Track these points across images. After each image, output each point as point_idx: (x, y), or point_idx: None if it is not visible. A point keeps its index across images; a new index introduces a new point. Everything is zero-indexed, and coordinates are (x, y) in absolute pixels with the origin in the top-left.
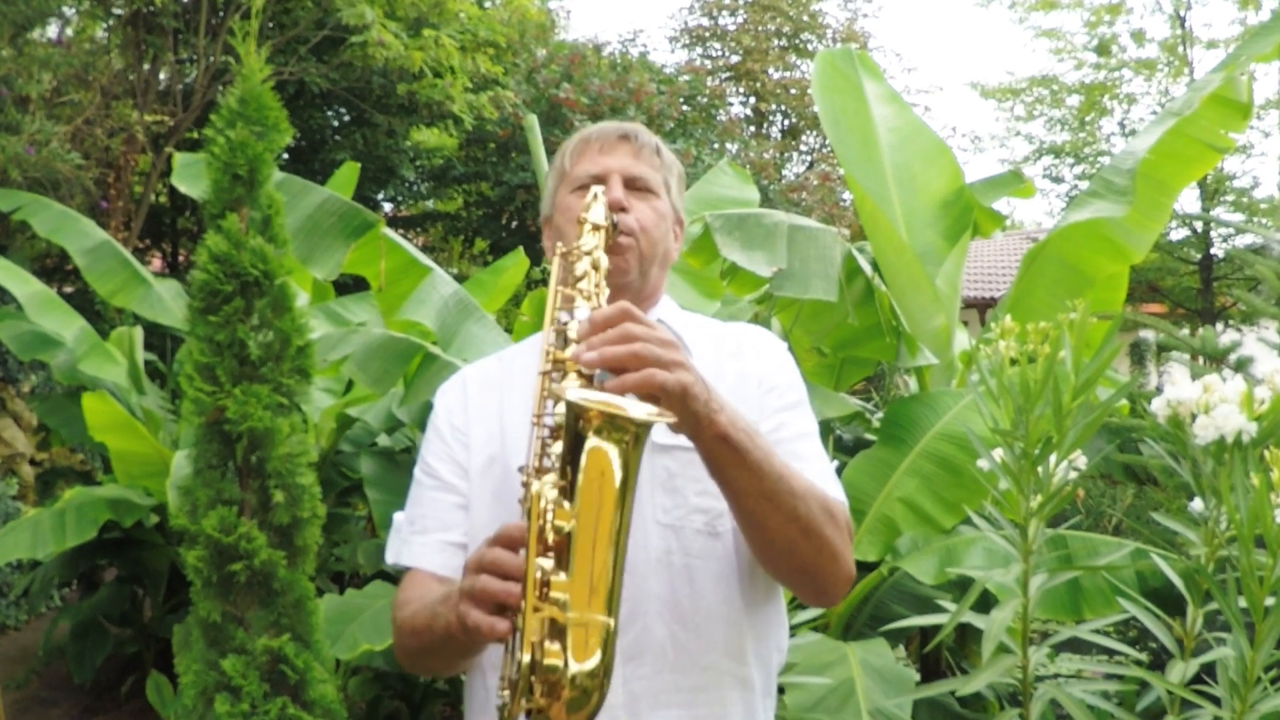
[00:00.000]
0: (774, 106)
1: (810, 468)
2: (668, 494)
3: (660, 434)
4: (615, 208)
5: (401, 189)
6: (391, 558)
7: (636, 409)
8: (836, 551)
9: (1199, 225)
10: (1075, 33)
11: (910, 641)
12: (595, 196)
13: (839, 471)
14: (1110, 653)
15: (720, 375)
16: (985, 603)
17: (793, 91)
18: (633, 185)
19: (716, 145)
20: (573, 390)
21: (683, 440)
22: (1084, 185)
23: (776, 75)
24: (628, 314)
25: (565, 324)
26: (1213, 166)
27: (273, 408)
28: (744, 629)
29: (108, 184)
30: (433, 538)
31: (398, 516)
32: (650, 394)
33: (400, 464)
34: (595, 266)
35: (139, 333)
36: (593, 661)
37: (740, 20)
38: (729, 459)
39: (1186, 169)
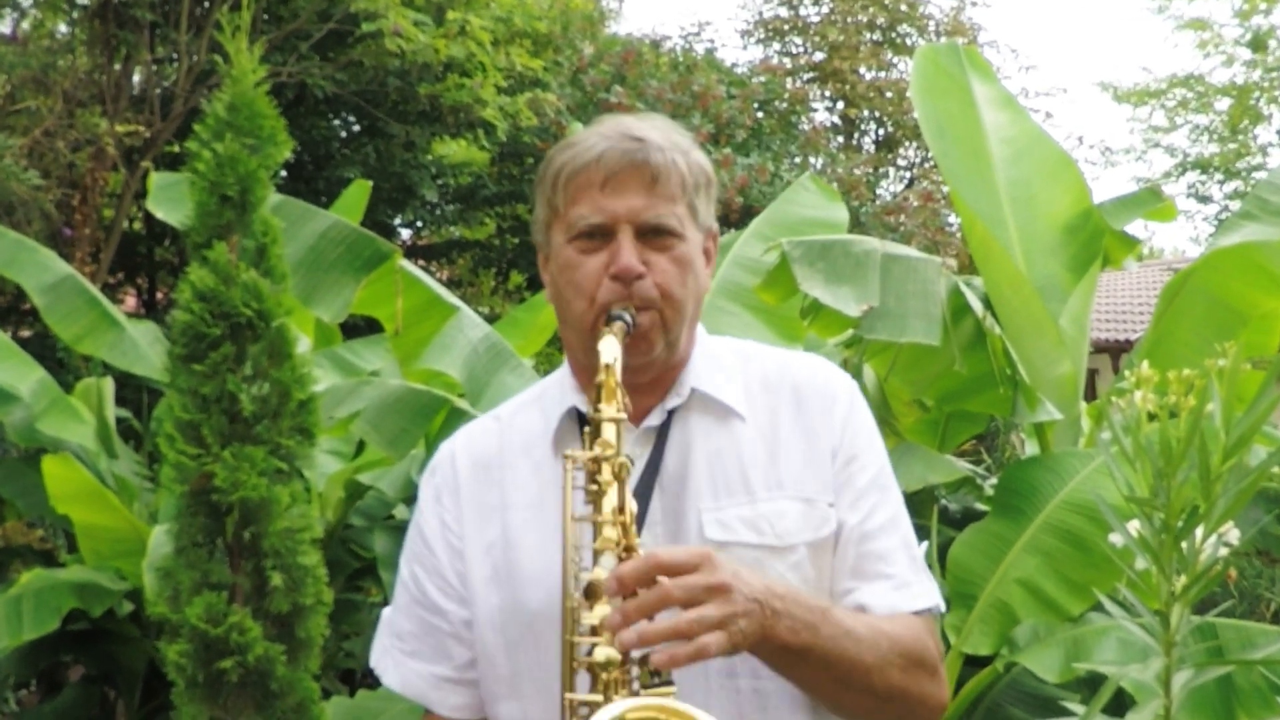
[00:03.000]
0: (866, 113)
1: (895, 571)
2: None
3: (712, 528)
4: (628, 277)
5: (422, 212)
6: (375, 660)
7: (683, 707)
8: (924, 697)
9: None
10: (1225, 24)
11: None
12: (609, 322)
13: (944, 550)
14: None
15: (777, 442)
16: (1120, 704)
17: (888, 95)
18: (649, 232)
19: (798, 159)
20: (606, 712)
21: (742, 534)
22: (1235, 205)
23: (869, 76)
24: (655, 564)
25: (584, 569)
26: None
27: (269, 474)
28: None
29: (72, 207)
30: (423, 667)
31: (386, 613)
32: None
33: None
34: (618, 473)
35: (109, 385)
36: None
37: (825, 10)
38: (793, 661)
39: None
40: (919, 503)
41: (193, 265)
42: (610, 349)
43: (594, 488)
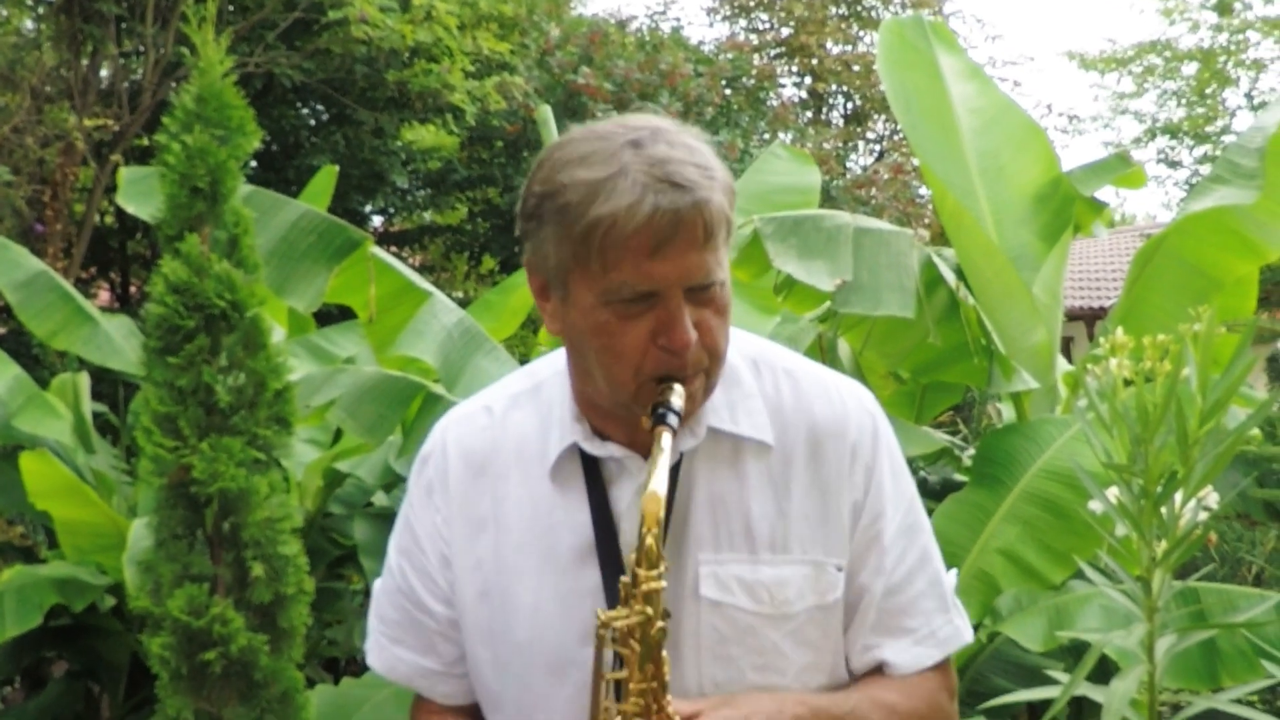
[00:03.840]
0: (834, 87)
1: (917, 623)
2: (719, 664)
3: (708, 584)
4: (685, 350)
5: (393, 199)
6: (367, 643)
7: None
8: None
9: None
10: None
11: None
12: (655, 421)
13: None
14: None
15: (789, 494)
16: (1104, 671)
17: (855, 69)
18: (697, 289)
19: (767, 135)
20: None
21: (738, 598)
22: (1206, 170)
23: (835, 50)
24: None
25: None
26: None
27: (247, 464)
28: None
29: (43, 203)
30: (410, 656)
31: (376, 590)
32: None
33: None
34: (656, 640)
35: (85, 380)
36: None
37: None
38: None
39: None
40: None
41: (165, 258)
42: (659, 484)
43: (626, 651)
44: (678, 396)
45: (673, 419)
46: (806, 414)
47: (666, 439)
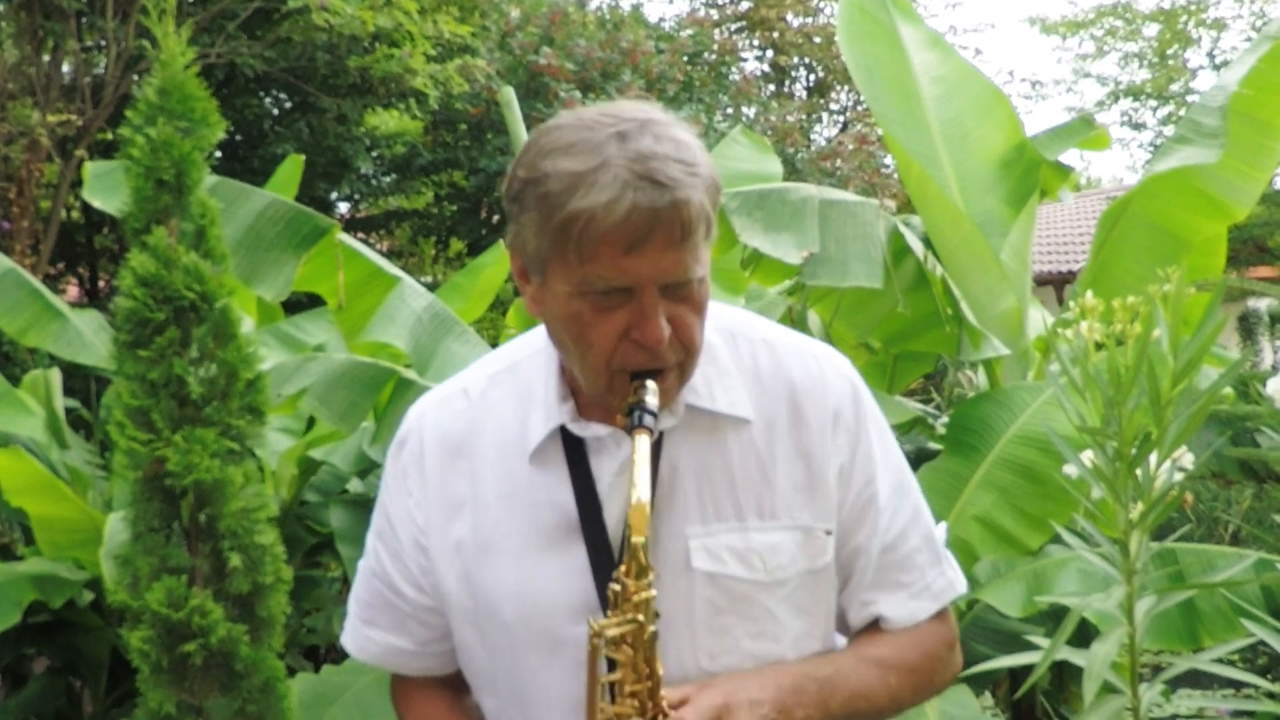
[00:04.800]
0: (796, 60)
1: (912, 578)
2: (714, 635)
3: (699, 557)
4: (659, 346)
5: (358, 185)
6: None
7: None
8: (937, 691)
9: None
10: None
11: (998, 686)
12: (633, 425)
13: None
14: (1237, 685)
15: (773, 461)
16: (1084, 635)
17: (817, 40)
18: (673, 286)
19: (730, 110)
20: None
21: (731, 567)
22: (1170, 131)
23: (796, 22)
24: None
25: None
26: None
27: (221, 455)
28: None
29: (9, 200)
30: (381, 636)
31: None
32: None
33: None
34: (647, 643)
35: (56, 376)
36: None
37: None
38: None
39: None
40: None
41: (133, 251)
42: (642, 490)
43: (620, 656)
44: (652, 395)
45: (649, 420)
46: (785, 380)
47: (643, 443)
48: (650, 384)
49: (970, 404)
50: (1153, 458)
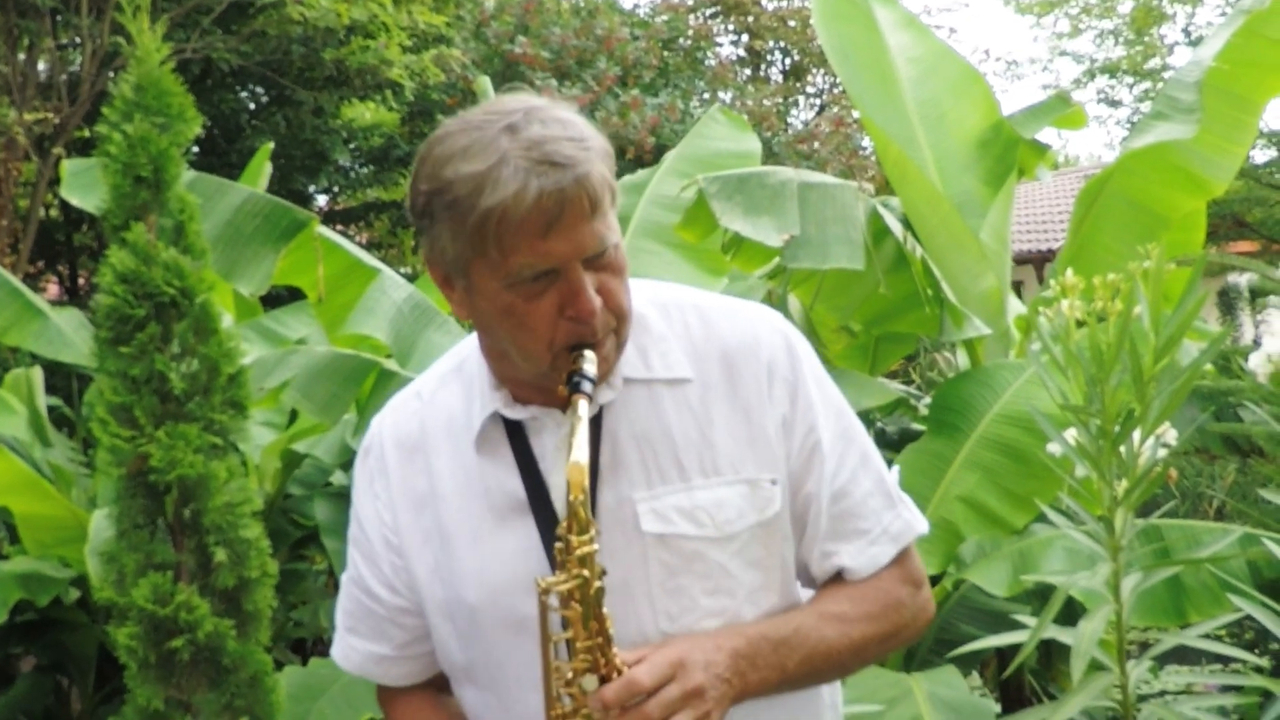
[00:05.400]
0: (771, 44)
1: (869, 524)
2: (670, 596)
3: (648, 520)
4: (592, 317)
5: (336, 177)
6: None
7: None
8: (906, 641)
9: None
10: None
11: (986, 666)
12: (572, 390)
13: None
14: (1224, 660)
15: (710, 420)
16: (1071, 613)
17: (792, 24)
18: (595, 257)
19: (707, 95)
20: None
21: (680, 526)
22: (1147, 107)
23: (771, 6)
24: (637, 688)
25: (568, 683)
26: None
27: (205, 450)
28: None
29: None
30: (361, 644)
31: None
32: None
33: None
34: (594, 598)
35: (38, 374)
36: None
37: None
38: (769, 693)
39: (1268, 78)
40: None
41: (112, 248)
42: (580, 453)
43: (569, 613)
44: (590, 363)
45: (587, 386)
46: (717, 340)
47: (583, 406)
48: (588, 353)
49: (952, 384)
50: (1136, 434)
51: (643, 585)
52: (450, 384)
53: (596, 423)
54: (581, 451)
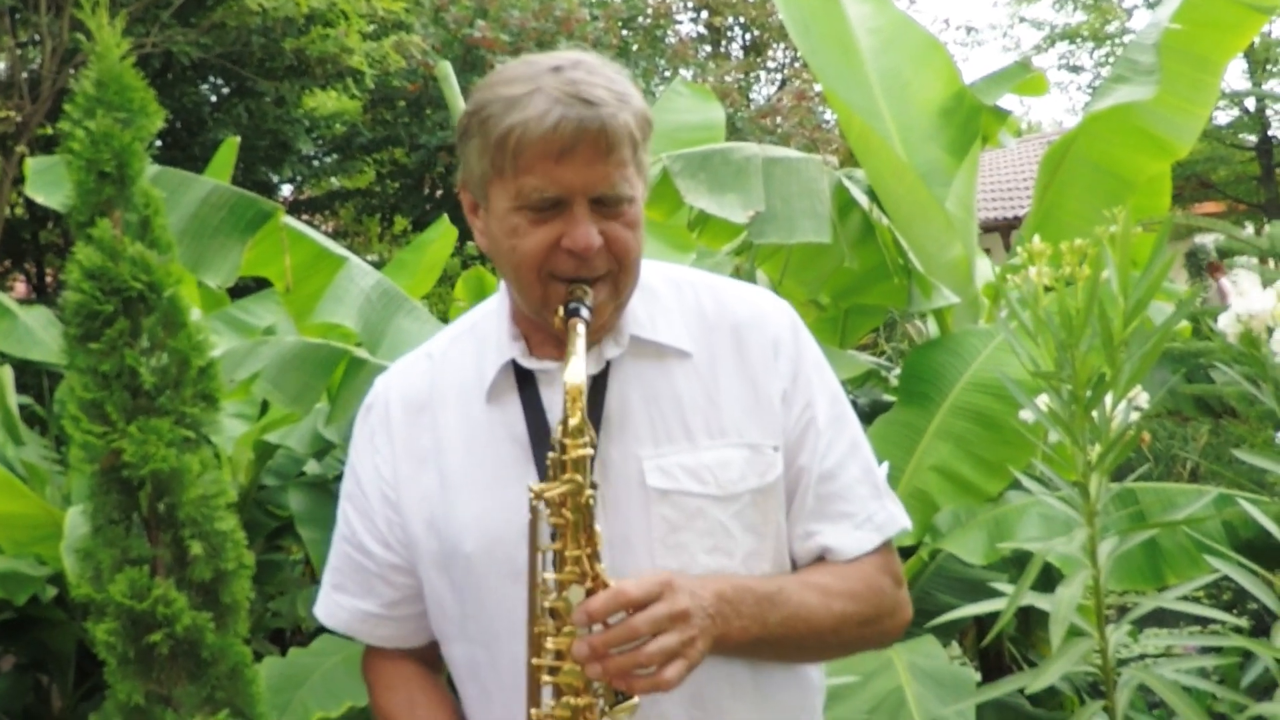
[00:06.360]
0: (731, 20)
1: (855, 508)
2: (671, 552)
3: (653, 475)
4: (588, 255)
5: (300, 167)
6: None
7: None
8: (884, 634)
9: (1251, 103)
10: None
11: (964, 635)
12: (568, 315)
13: None
14: (1203, 622)
15: (718, 386)
16: (1048, 579)
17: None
18: (603, 201)
19: (668, 73)
20: None
21: (684, 483)
22: (1108, 72)
23: None
24: (624, 599)
25: (553, 597)
26: (1257, 31)
27: (177, 444)
28: (772, 694)
29: None
30: (349, 601)
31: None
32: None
33: (335, 494)
34: (585, 506)
35: (8, 373)
36: None
37: None
38: (745, 650)
39: (1226, 37)
40: None
41: (78, 245)
42: (576, 372)
43: (559, 520)
44: (588, 296)
45: (584, 311)
46: (728, 315)
47: (580, 328)
48: (587, 288)
49: (921, 352)
50: (1108, 399)
51: (644, 540)
52: (463, 343)
53: (603, 379)
54: (578, 368)
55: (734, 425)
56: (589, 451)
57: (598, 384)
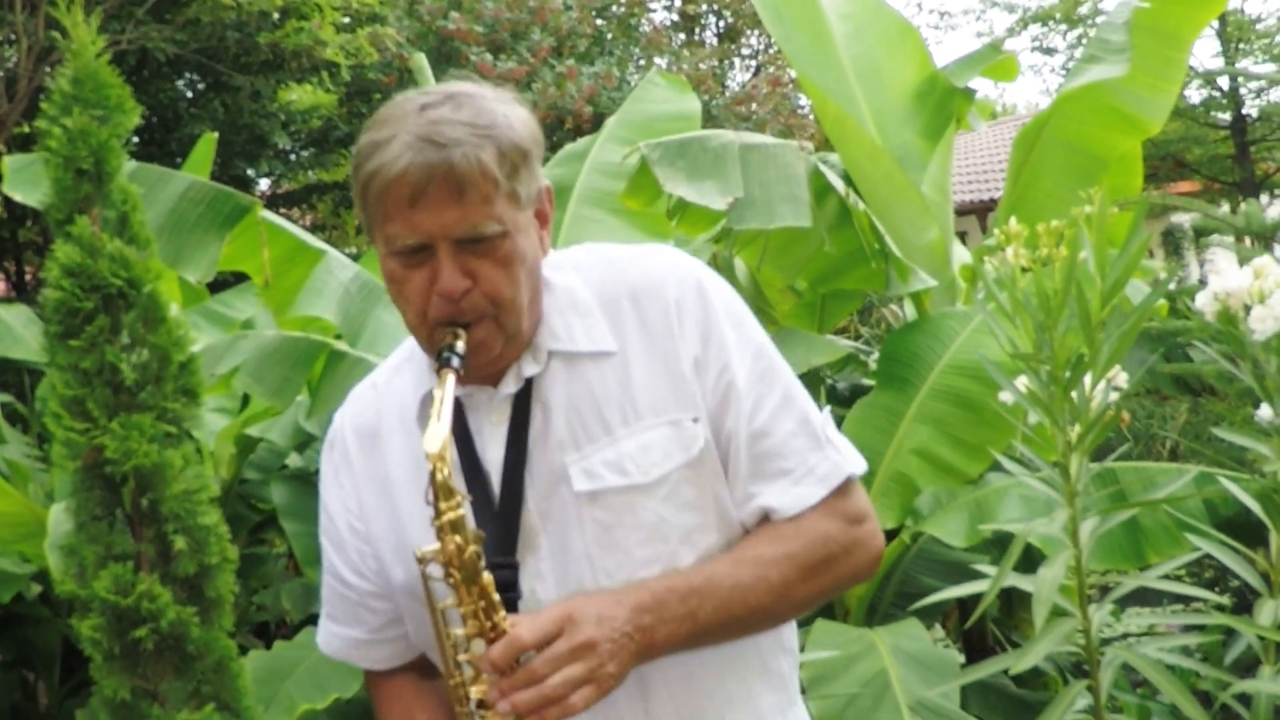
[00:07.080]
0: (704, 7)
1: (792, 464)
2: (607, 552)
3: (579, 480)
4: (454, 298)
5: (276, 161)
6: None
7: None
8: (842, 580)
9: (1224, 82)
10: None
11: (948, 617)
12: (441, 365)
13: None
14: (1185, 600)
15: (627, 369)
16: (1030, 560)
17: None
18: (468, 242)
19: (643, 62)
20: None
21: (608, 480)
22: (1080, 54)
23: None
24: (519, 646)
25: (460, 647)
26: (1224, 6)
27: (159, 439)
28: (739, 674)
29: None
30: (340, 630)
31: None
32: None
33: (317, 487)
34: (472, 565)
35: None
36: None
37: None
38: (685, 647)
39: (1195, 13)
40: (806, 386)
41: (57, 242)
42: (434, 440)
43: (452, 579)
44: (460, 341)
45: (455, 361)
46: (624, 283)
47: (449, 381)
48: (460, 332)
49: (899, 335)
50: (1087, 379)
51: (580, 545)
52: (403, 372)
53: (525, 395)
54: (435, 439)
55: (649, 406)
56: (462, 513)
57: (520, 401)
